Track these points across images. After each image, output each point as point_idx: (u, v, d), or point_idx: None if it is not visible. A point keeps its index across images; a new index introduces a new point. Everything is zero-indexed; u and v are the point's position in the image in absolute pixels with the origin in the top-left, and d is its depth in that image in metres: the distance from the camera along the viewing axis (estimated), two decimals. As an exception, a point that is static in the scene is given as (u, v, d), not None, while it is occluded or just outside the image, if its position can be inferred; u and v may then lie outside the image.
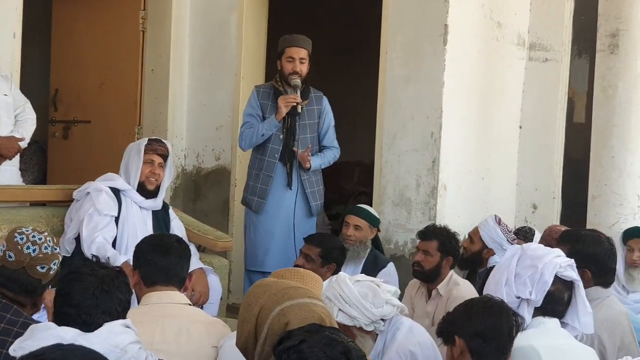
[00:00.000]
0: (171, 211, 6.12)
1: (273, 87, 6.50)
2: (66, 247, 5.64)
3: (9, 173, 6.27)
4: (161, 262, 4.00)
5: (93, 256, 5.41)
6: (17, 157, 6.35)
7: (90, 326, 3.12)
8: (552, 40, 7.45)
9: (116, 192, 5.79)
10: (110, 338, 3.08)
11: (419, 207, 6.84)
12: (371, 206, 6.80)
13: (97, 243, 5.53)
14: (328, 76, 9.40)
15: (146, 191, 5.88)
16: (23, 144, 6.24)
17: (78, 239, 5.65)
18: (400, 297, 4.33)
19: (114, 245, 5.65)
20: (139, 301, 4.02)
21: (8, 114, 6.20)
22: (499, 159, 7.34)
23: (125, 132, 7.96)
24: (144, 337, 3.47)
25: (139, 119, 8.08)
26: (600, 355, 4.06)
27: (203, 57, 7.95)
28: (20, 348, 2.95)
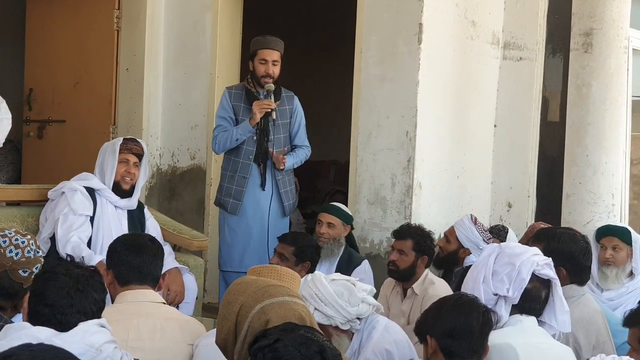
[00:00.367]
0: (146, 210, 6.10)
1: (245, 88, 6.49)
2: (41, 247, 5.60)
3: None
4: (135, 262, 3.99)
5: (68, 256, 5.39)
6: (-8, 157, 6.32)
7: (65, 326, 3.10)
8: (527, 39, 7.48)
9: (91, 192, 5.77)
10: (85, 338, 3.07)
11: (395, 206, 6.85)
12: (347, 205, 6.81)
13: (72, 243, 5.51)
14: (303, 75, 9.41)
15: (121, 190, 5.86)
16: (-2, 144, 6.22)
17: (53, 239, 5.63)
18: (375, 296, 4.33)
19: (89, 244, 5.64)
20: (113, 301, 4.01)
21: (-17, 114, 6.17)
22: (474, 158, 7.36)
23: (99, 132, 7.92)
24: (119, 335, 3.46)
25: (114, 119, 8.04)
26: (575, 353, 4.07)
27: (178, 57, 7.93)
28: (-6, 348, 2.93)
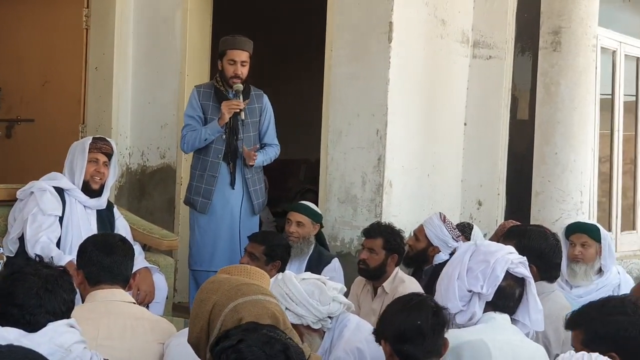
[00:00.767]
0: (116, 210, 6.07)
1: (214, 87, 6.48)
2: (9, 247, 5.59)
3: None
4: (105, 262, 3.98)
5: (37, 256, 5.34)
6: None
7: (34, 326, 3.09)
8: (496, 37, 7.51)
9: (60, 192, 5.74)
10: (54, 338, 3.05)
11: (365, 205, 6.86)
12: (317, 203, 6.81)
13: (41, 243, 5.48)
14: (273, 74, 9.40)
15: (90, 190, 5.83)
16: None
17: (22, 239, 5.59)
18: (346, 295, 4.33)
19: (59, 245, 5.60)
20: (84, 300, 3.99)
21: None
22: (444, 156, 7.38)
23: (69, 131, 7.87)
24: (89, 334, 3.45)
25: (83, 118, 7.99)
26: (544, 348, 4.10)
27: (147, 55, 7.90)
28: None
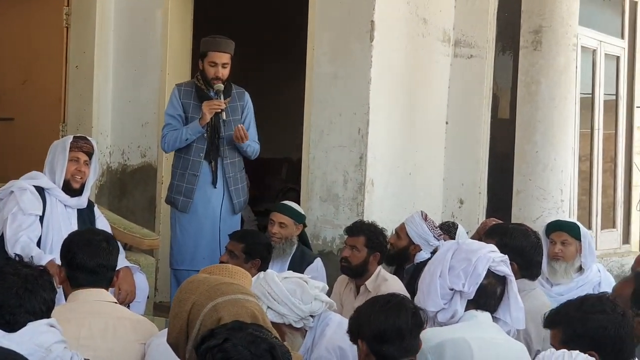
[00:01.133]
0: (96, 209, 6.04)
1: (195, 86, 6.47)
2: (-11, 247, 5.55)
3: None
4: (88, 266, 3.93)
5: (17, 255, 5.32)
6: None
7: (13, 326, 3.08)
8: (477, 37, 7.53)
9: (40, 191, 5.71)
10: (34, 338, 3.04)
11: (347, 203, 6.86)
12: (299, 202, 6.80)
13: (22, 242, 5.45)
14: (255, 73, 9.38)
15: (71, 189, 5.80)
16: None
17: (2, 238, 5.56)
18: (328, 293, 4.33)
19: (39, 244, 5.58)
20: (67, 297, 3.97)
21: None
22: (426, 155, 7.40)
23: (49, 130, 7.84)
24: (70, 333, 3.43)
25: (63, 117, 7.97)
26: (525, 344, 4.13)
27: (128, 54, 7.87)
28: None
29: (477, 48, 7.53)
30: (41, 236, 5.61)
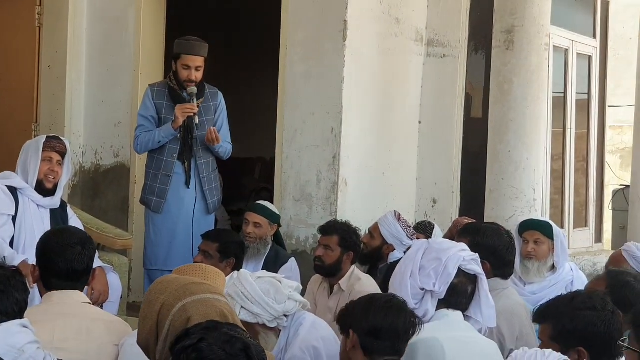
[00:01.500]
0: (69, 209, 6.01)
1: (168, 86, 6.45)
2: (-39, 247, 5.51)
3: None
4: (64, 271, 3.90)
5: (-12, 256, 5.29)
6: None
7: (-15, 327, 3.06)
8: (450, 36, 7.55)
9: (13, 191, 5.67)
10: (6, 338, 3.03)
11: (320, 203, 6.87)
12: (272, 202, 6.80)
13: (-7, 243, 5.42)
14: (228, 72, 9.37)
15: (44, 189, 5.77)
16: None
17: (-27, 239, 5.52)
18: (302, 293, 4.33)
19: (12, 244, 5.55)
20: (42, 294, 3.95)
21: None
22: (399, 154, 7.41)
23: (21, 130, 7.81)
24: (44, 336, 3.41)
25: (36, 116, 7.93)
26: (498, 343, 4.14)
27: (101, 53, 7.84)
28: None
29: (450, 47, 7.55)
30: (14, 236, 5.58)
